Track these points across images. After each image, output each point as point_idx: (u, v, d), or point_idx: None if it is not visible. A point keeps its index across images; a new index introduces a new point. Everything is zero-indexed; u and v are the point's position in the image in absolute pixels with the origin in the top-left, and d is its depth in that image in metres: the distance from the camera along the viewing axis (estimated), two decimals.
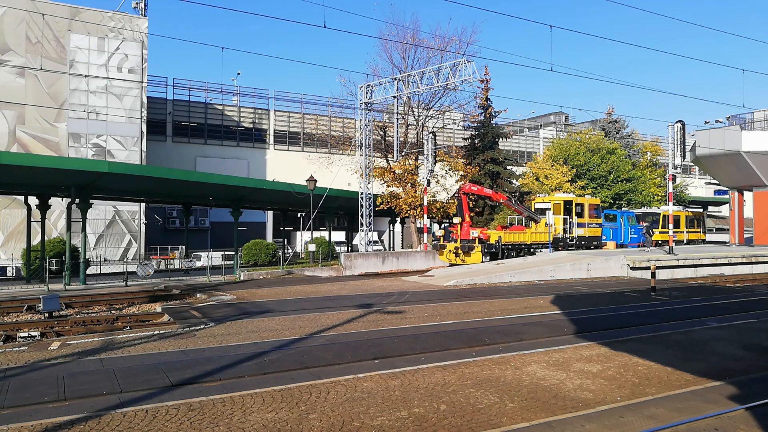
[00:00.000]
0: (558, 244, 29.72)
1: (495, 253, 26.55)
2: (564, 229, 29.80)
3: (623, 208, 43.28)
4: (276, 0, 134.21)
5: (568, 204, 30.39)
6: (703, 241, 42.03)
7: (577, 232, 30.46)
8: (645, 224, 37.66)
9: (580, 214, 30.63)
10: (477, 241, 26.15)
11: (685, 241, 39.28)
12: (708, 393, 7.33)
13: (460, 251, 26.41)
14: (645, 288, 19.35)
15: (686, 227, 40.35)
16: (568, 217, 30.15)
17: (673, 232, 37.16)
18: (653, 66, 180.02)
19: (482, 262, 25.76)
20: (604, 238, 32.70)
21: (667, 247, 28.63)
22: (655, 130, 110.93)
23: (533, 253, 28.36)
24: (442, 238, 29.82)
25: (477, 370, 8.33)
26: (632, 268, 24.73)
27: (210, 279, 22.20)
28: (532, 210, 30.33)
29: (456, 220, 27.78)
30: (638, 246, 34.81)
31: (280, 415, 6.35)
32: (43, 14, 31.17)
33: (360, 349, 9.77)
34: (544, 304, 15.46)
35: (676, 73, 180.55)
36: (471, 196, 29.21)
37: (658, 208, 41.21)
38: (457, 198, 27.83)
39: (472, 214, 30.02)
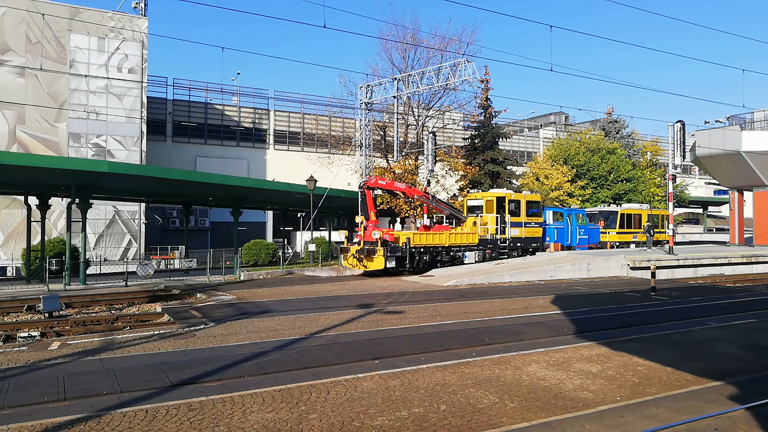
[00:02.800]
0: (486, 246, 26.43)
1: (402, 257, 22.85)
2: (497, 229, 26.81)
3: (572, 207, 40.46)
4: (276, 0, 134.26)
5: (501, 201, 27.26)
6: (667, 242, 40.11)
7: (512, 232, 27.39)
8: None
9: (515, 213, 27.56)
10: (379, 243, 22.56)
11: (647, 242, 37.42)
12: (708, 393, 7.33)
13: (361, 255, 22.69)
14: (645, 288, 19.35)
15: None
16: (501, 215, 27.07)
17: (633, 233, 35.14)
18: (653, 66, 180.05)
19: (386, 267, 22.44)
20: (548, 239, 30.12)
21: (667, 246, 28.62)
22: (655, 130, 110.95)
23: (455, 257, 25.26)
24: (346, 241, 26.65)
25: (477, 370, 8.33)
26: (632, 268, 24.73)
27: (210, 279, 22.20)
28: (457, 208, 27.57)
29: (358, 219, 24.01)
30: (589, 248, 32.00)
31: (280, 415, 6.35)
32: (43, 14, 31.17)
33: (360, 349, 9.77)
34: (544, 304, 15.46)
35: (676, 73, 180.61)
36: (379, 192, 25.15)
37: (619, 206, 38.46)
38: (360, 193, 23.91)
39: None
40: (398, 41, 34.36)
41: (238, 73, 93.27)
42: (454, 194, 37.14)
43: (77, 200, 20.97)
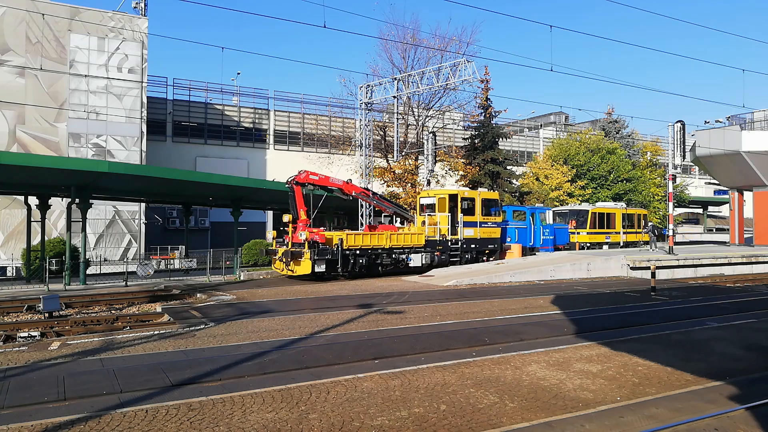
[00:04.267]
0: (435, 248, 24.11)
1: (333, 261, 20.73)
2: (449, 229, 24.64)
3: (535, 205, 38.58)
4: (276, 0, 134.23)
5: (453, 198, 25.00)
6: (645, 243, 36.30)
7: (465, 233, 25.06)
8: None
9: (469, 211, 25.24)
10: (306, 245, 20.32)
11: (621, 244, 35.19)
12: (708, 393, 7.33)
13: (287, 258, 20.54)
14: (645, 288, 19.35)
15: (624, 227, 36.00)
16: (454, 215, 24.80)
17: (606, 233, 33.55)
18: (653, 66, 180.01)
19: (314, 272, 20.38)
20: (509, 239, 28.13)
21: (667, 246, 28.61)
22: (655, 130, 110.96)
23: (398, 261, 22.98)
24: (274, 242, 23.64)
25: (477, 370, 8.33)
26: (632, 268, 24.74)
27: (210, 279, 22.19)
28: (403, 206, 25.16)
29: (285, 218, 21.36)
30: (554, 249, 29.90)
31: (280, 415, 6.35)
32: (43, 14, 31.16)
33: (360, 349, 9.77)
34: (544, 304, 15.46)
35: (676, 73, 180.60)
36: (312, 188, 22.18)
37: (592, 204, 36.78)
38: (289, 189, 21.39)
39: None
40: (398, 41, 34.44)
41: (238, 73, 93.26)
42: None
43: (77, 200, 20.96)
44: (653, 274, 19.07)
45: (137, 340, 10.55)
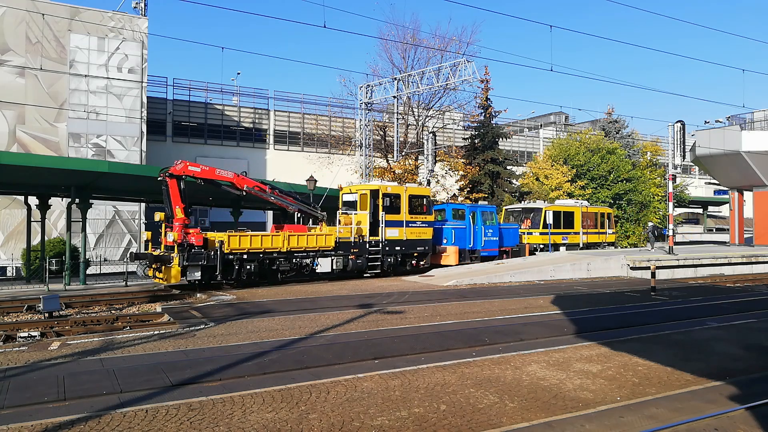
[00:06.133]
0: (349, 250, 21.15)
1: (211, 267, 17.79)
2: (370, 229, 21.90)
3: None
4: (276, 0, 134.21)
5: (375, 194, 22.13)
6: (611, 244, 34.76)
7: (388, 233, 22.13)
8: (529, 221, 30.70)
9: (393, 209, 22.31)
10: (176, 248, 17.29)
11: (581, 245, 32.01)
12: (708, 393, 7.33)
13: (157, 263, 17.39)
14: (645, 288, 19.36)
15: (585, 227, 32.79)
16: (375, 213, 22.06)
17: (563, 233, 30.69)
18: (653, 66, 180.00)
19: (189, 280, 17.88)
20: (445, 241, 25.36)
21: (668, 247, 28.61)
22: (655, 130, 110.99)
23: (300, 265, 20.00)
24: (150, 245, 20.74)
25: (477, 370, 8.33)
26: (632, 268, 24.75)
27: None
28: (311, 204, 21.94)
29: (157, 216, 18.39)
30: (500, 251, 27.02)
31: (280, 415, 6.35)
32: (43, 14, 31.17)
33: (360, 349, 9.77)
34: (544, 304, 15.46)
35: (676, 73, 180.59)
36: (194, 181, 18.69)
37: (545, 201, 34.19)
38: (162, 184, 17.87)
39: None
40: (398, 41, 34.46)
41: (238, 73, 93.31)
42: (454, 194, 37.14)
43: (77, 200, 20.96)
44: (653, 274, 19.08)
45: (137, 340, 10.55)
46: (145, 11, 37.41)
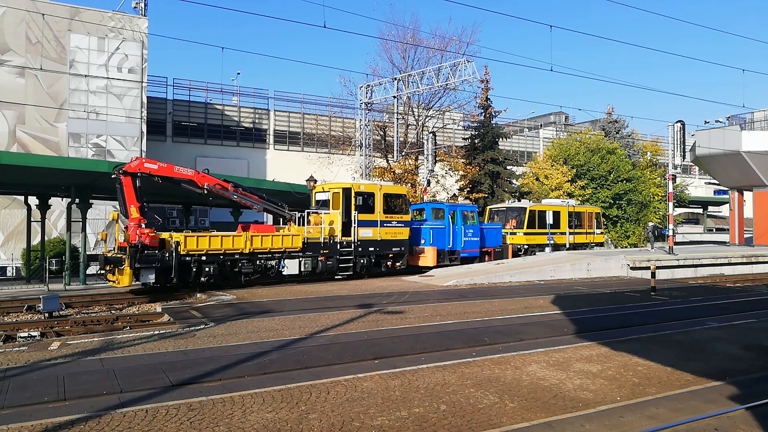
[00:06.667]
0: (319, 252, 20.20)
1: (166, 269, 16.79)
2: (342, 229, 21.11)
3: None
4: (276, 0, 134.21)
5: (348, 193, 21.38)
6: (599, 245, 34.00)
7: (362, 233, 21.41)
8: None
9: (367, 208, 21.64)
10: (128, 249, 16.24)
11: (567, 246, 31.43)
12: (708, 393, 7.33)
13: (110, 265, 16.61)
14: (645, 288, 19.36)
15: (572, 227, 32.08)
16: (348, 212, 21.36)
17: (549, 234, 30.03)
18: (653, 66, 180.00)
19: (134, 283, 16.79)
20: (423, 242, 24.47)
21: (668, 247, 28.61)
22: (655, 130, 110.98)
23: (266, 267, 19.19)
24: (106, 246, 20.34)
25: (477, 370, 8.33)
26: (632, 268, 24.75)
27: None
28: (278, 203, 20.62)
29: (110, 216, 17.79)
30: (481, 252, 26.18)
31: (280, 415, 6.35)
32: (43, 14, 31.16)
33: (360, 349, 9.76)
34: (544, 304, 15.46)
35: (676, 73, 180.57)
36: (149, 178, 17.36)
37: (531, 201, 33.68)
38: (116, 182, 16.79)
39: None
40: (398, 41, 34.47)
41: (238, 73, 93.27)
42: (454, 194, 37.15)
43: (77, 200, 20.96)
44: (653, 274, 19.08)
45: (137, 340, 10.54)
46: (145, 11, 37.41)
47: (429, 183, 31.67)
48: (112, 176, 16.96)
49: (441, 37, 35.42)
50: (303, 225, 20.74)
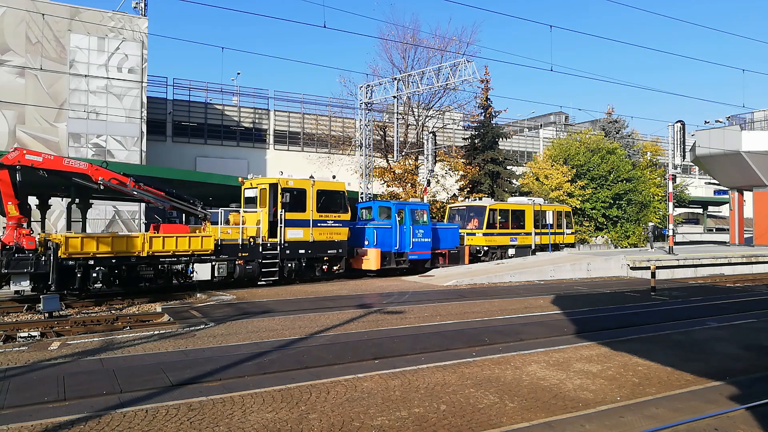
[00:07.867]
0: (237, 255, 18.26)
1: (44, 275, 14.79)
2: (270, 229, 19.24)
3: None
4: (276, 0, 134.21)
5: (275, 189, 19.39)
6: (569, 245, 31.95)
7: (290, 234, 19.41)
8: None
9: (297, 206, 19.63)
10: (1, 252, 14.42)
11: (533, 247, 29.38)
12: (708, 393, 7.33)
13: None
14: (645, 288, 19.36)
15: (538, 227, 29.99)
16: (276, 210, 19.33)
17: (512, 234, 28.03)
18: (653, 66, 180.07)
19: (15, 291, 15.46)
20: (366, 243, 22.22)
21: (668, 247, 28.61)
22: (655, 130, 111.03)
23: (169, 272, 17.23)
24: None
25: (477, 370, 8.33)
26: (632, 268, 24.76)
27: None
28: (188, 200, 18.97)
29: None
30: (433, 254, 24.26)
31: (280, 415, 6.35)
32: (43, 14, 31.16)
33: (360, 349, 9.76)
34: (544, 304, 15.47)
35: (676, 73, 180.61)
36: (33, 171, 15.31)
37: (499, 199, 31.79)
38: None
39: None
40: (398, 41, 34.47)
41: (238, 73, 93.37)
42: (454, 194, 37.13)
43: (77, 200, 20.93)
44: (653, 274, 19.08)
45: (137, 340, 10.54)
46: (145, 11, 37.42)
47: (429, 183, 31.64)
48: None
49: (441, 37, 35.45)
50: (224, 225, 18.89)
